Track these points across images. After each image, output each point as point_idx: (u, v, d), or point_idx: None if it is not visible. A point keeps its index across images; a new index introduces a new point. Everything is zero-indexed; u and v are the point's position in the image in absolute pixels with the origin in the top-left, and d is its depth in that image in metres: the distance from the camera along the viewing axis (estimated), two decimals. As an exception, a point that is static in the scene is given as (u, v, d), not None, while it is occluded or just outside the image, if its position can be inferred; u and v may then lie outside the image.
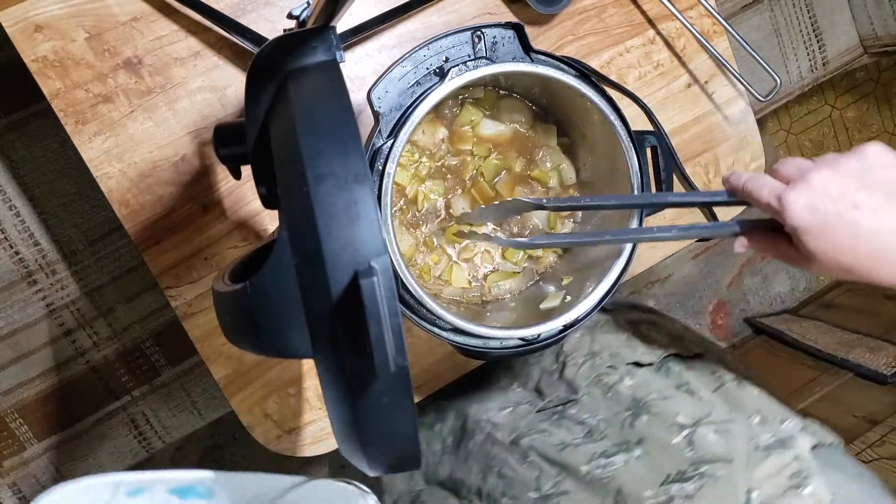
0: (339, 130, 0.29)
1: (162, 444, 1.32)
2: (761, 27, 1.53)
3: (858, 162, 0.41)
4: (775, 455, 0.47)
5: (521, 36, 0.54)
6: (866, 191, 0.40)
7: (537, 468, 0.58)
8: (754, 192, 0.44)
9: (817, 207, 0.40)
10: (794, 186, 0.41)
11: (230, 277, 0.35)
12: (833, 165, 0.41)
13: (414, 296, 0.53)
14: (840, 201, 0.39)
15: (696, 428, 0.51)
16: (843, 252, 0.40)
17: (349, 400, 0.28)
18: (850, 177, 0.40)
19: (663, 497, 0.47)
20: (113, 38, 0.60)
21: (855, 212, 0.39)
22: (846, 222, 0.39)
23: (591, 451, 0.55)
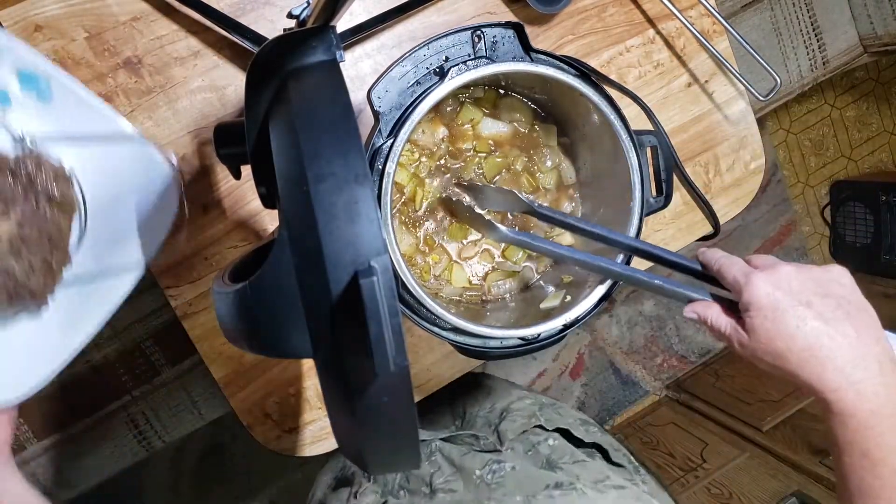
0: (339, 130, 0.29)
1: (162, 444, 1.32)
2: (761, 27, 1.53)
3: (825, 274, 0.45)
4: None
5: (521, 35, 0.54)
6: (822, 296, 0.44)
7: (437, 465, 0.62)
8: (725, 269, 0.48)
9: (776, 293, 0.44)
10: (763, 270, 0.46)
11: (230, 277, 0.35)
12: (801, 267, 0.46)
13: (414, 296, 0.53)
14: (797, 295, 0.44)
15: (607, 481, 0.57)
16: (781, 338, 0.44)
17: (349, 400, 0.28)
18: (812, 280, 0.45)
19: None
20: (113, 38, 0.60)
21: (805, 308, 0.43)
22: (795, 313, 0.43)
23: (487, 458, 0.60)
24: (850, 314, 0.43)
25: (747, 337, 0.46)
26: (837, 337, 0.42)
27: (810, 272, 0.45)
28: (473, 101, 0.62)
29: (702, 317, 0.49)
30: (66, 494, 1.27)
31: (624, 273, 0.51)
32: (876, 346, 0.43)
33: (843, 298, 0.44)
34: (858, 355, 0.42)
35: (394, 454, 0.31)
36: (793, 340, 0.43)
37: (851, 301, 0.44)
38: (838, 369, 0.42)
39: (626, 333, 1.80)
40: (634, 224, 0.57)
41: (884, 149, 2.01)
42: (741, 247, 1.87)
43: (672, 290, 0.50)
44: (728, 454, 1.50)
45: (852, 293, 0.45)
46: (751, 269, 0.46)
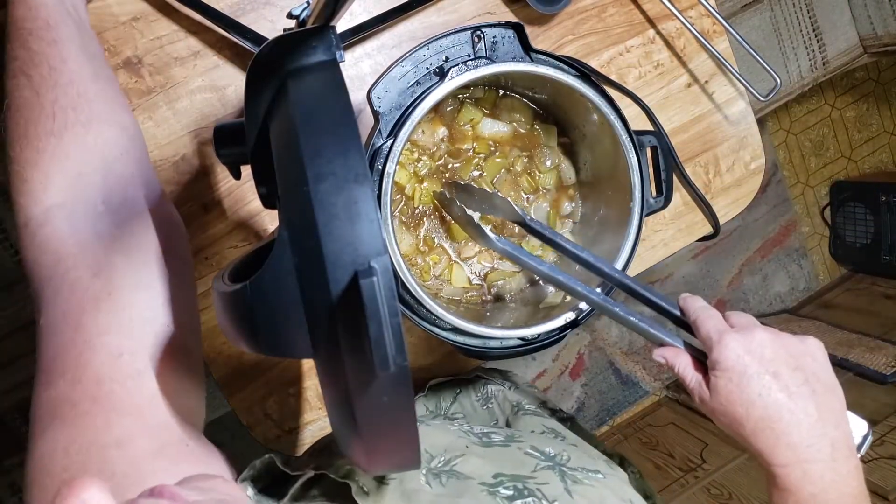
0: (338, 130, 0.29)
1: (162, 444, 1.32)
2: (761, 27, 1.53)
3: (800, 345, 0.45)
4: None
5: (521, 36, 0.54)
6: (792, 369, 0.43)
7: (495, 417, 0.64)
8: (700, 320, 0.47)
9: (745, 357, 0.43)
10: (738, 331, 0.45)
11: (230, 277, 0.35)
12: (777, 334, 0.45)
13: (414, 296, 0.53)
14: (766, 363, 0.43)
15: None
16: (741, 403, 0.43)
17: (349, 400, 0.28)
18: (785, 350, 0.44)
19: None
20: (113, 38, 0.60)
21: (772, 378, 0.43)
22: (761, 381, 0.43)
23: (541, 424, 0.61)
24: (816, 392, 0.43)
25: (709, 394, 0.45)
26: (798, 413, 0.42)
27: (784, 341, 0.45)
28: (473, 101, 0.62)
29: (670, 363, 0.48)
30: (66, 494, 1.27)
31: (602, 304, 0.50)
32: (834, 430, 0.42)
33: (814, 374, 0.44)
34: (815, 435, 0.42)
35: (394, 454, 0.31)
36: (752, 408, 0.43)
37: (821, 378, 0.44)
38: (791, 446, 0.42)
39: (626, 333, 1.80)
40: (634, 224, 0.57)
41: (884, 149, 2.01)
42: (741, 247, 1.87)
43: (646, 329, 0.49)
44: (728, 455, 1.50)
45: (823, 370, 0.44)
46: (726, 328, 0.46)
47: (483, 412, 0.67)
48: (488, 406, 0.68)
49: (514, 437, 0.53)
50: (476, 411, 0.67)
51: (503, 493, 0.42)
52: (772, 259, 1.92)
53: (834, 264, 2.00)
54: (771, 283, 1.93)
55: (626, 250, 0.57)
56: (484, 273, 0.64)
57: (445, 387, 0.70)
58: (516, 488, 0.43)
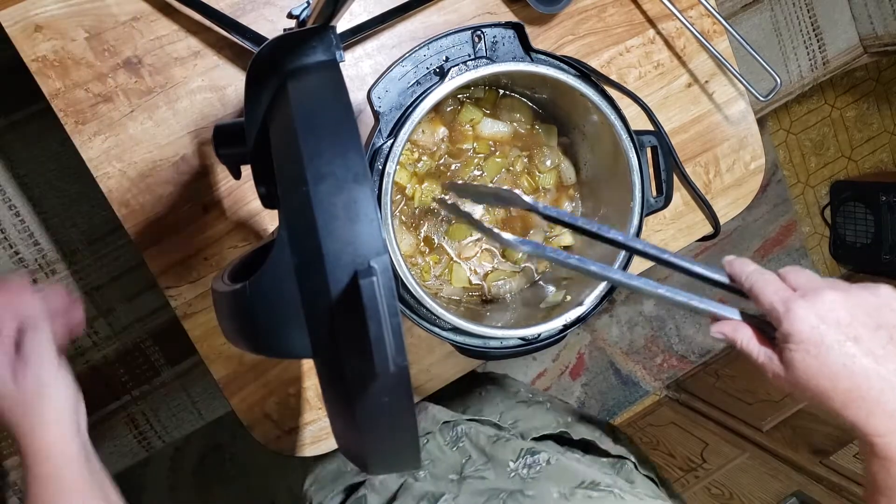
0: (338, 130, 0.29)
1: (162, 444, 1.32)
2: (761, 27, 1.53)
3: (872, 297, 0.40)
4: None
5: (521, 35, 0.54)
6: (872, 329, 0.39)
7: (466, 454, 0.59)
8: (758, 288, 0.43)
9: (821, 326, 0.39)
10: (805, 297, 0.41)
11: (230, 277, 0.35)
12: (847, 292, 0.41)
13: (414, 295, 0.53)
14: (845, 329, 0.39)
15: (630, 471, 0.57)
16: (825, 376, 0.39)
17: (349, 400, 0.28)
18: (860, 309, 0.40)
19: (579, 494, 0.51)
20: (113, 38, 0.60)
21: (854, 344, 0.39)
22: (842, 350, 0.39)
23: (519, 448, 0.56)
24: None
25: (783, 369, 0.41)
26: (890, 377, 0.38)
27: (858, 298, 0.40)
28: (474, 101, 0.62)
29: (730, 339, 0.44)
30: (66, 494, 1.27)
31: (643, 287, 0.45)
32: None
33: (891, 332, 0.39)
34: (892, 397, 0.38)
35: (394, 454, 0.31)
36: (838, 380, 0.39)
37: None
38: (888, 414, 0.39)
39: (626, 333, 1.80)
40: (634, 224, 0.57)
41: (884, 149, 2.01)
42: (741, 247, 1.87)
43: (696, 305, 0.45)
44: (728, 454, 1.50)
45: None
46: (790, 294, 0.41)
47: (453, 454, 0.64)
48: (458, 446, 0.64)
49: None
50: (444, 454, 0.65)
51: None
52: (772, 259, 1.92)
53: (834, 264, 2.00)
54: (771, 283, 1.93)
55: (626, 250, 0.57)
56: (484, 273, 0.64)
57: None
58: None
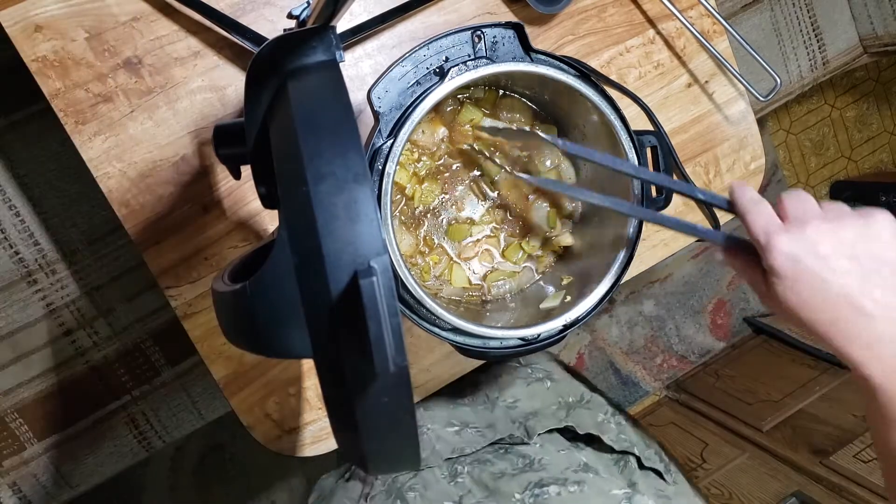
0: (338, 130, 0.29)
1: (162, 444, 1.32)
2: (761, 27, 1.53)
3: (862, 229, 0.40)
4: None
5: (521, 36, 0.54)
6: (852, 259, 0.39)
7: (465, 489, 0.57)
8: (749, 219, 0.44)
9: (799, 260, 0.40)
10: (787, 230, 0.41)
11: (230, 277, 0.35)
12: (836, 222, 0.41)
13: (414, 296, 0.53)
14: (823, 261, 0.39)
15: (636, 494, 0.52)
16: (806, 308, 0.40)
17: (349, 400, 0.28)
18: (844, 241, 0.40)
19: None
20: (113, 38, 0.60)
21: (831, 276, 0.39)
22: (818, 283, 0.39)
23: (527, 481, 0.54)
24: (885, 281, 0.39)
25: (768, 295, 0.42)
26: (867, 309, 0.38)
27: (843, 230, 0.40)
28: (473, 101, 0.62)
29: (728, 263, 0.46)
30: (67, 494, 1.27)
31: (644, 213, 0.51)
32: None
33: (878, 260, 0.39)
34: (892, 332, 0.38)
35: (394, 454, 0.31)
36: (819, 312, 0.40)
37: (888, 261, 0.39)
38: (865, 344, 0.39)
39: (626, 333, 1.80)
40: (634, 224, 0.57)
41: (884, 149, 2.01)
42: (741, 247, 1.88)
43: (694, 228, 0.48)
44: (728, 454, 1.50)
45: (889, 250, 0.39)
46: (776, 227, 0.41)
47: (449, 486, 0.62)
48: (456, 481, 0.62)
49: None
50: (440, 483, 0.62)
51: None
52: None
53: (834, 264, 2.00)
54: (771, 283, 1.93)
55: (626, 250, 0.57)
56: (484, 273, 0.64)
57: None
58: None
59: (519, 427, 0.66)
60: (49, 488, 1.27)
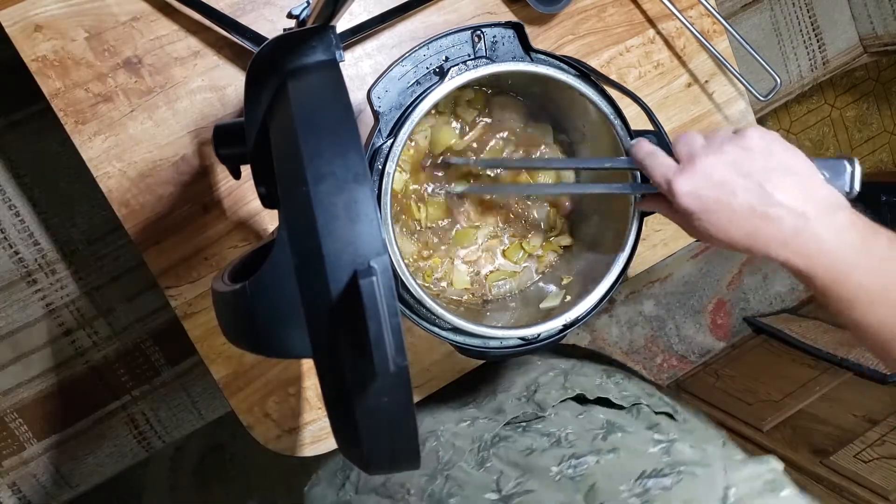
0: (338, 130, 0.29)
1: (162, 444, 1.32)
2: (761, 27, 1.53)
3: (740, 149, 0.44)
4: (752, 465, 0.48)
5: (521, 35, 0.54)
6: (744, 177, 0.44)
7: (496, 471, 0.57)
8: (649, 171, 0.48)
9: (700, 194, 0.44)
10: (681, 171, 0.46)
11: (230, 277, 0.35)
12: (718, 150, 0.45)
13: (414, 295, 0.53)
14: (720, 188, 0.44)
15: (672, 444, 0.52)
16: (721, 231, 0.45)
17: (349, 400, 0.28)
18: (730, 164, 0.44)
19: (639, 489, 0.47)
20: (113, 38, 0.60)
21: (732, 198, 0.43)
22: (723, 207, 0.44)
23: (560, 455, 0.54)
24: (776, 185, 0.43)
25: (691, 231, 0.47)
26: (771, 214, 0.43)
27: (727, 154, 0.44)
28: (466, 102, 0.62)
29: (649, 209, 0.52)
30: (66, 494, 1.27)
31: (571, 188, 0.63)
32: (809, 203, 0.43)
33: (765, 169, 0.44)
34: (798, 225, 0.42)
35: (394, 454, 0.31)
36: (730, 232, 0.44)
37: (773, 167, 0.44)
38: (782, 245, 0.43)
39: (626, 333, 1.80)
40: (634, 224, 0.57)
41: (884, 149, 2.01)
42: (741, 247, 1.88)
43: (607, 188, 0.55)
44: (728, 454, 1.49)
45: (770, 157, 0.44)
46: (672, 171, 0.46)
47: (480, 474, 0.60)
48: (485, 466, 0.60)
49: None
50: (471, 476, 0.60)
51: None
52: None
53: (834, 264, 2.00)
54: (771, 283, 1.93)
55: (626, 250, 0.57)
56: (484, 274, 0.64)
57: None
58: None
59: (528, 402, 0.64)
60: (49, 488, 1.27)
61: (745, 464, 0.48)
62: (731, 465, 0.48)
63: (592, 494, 0.48)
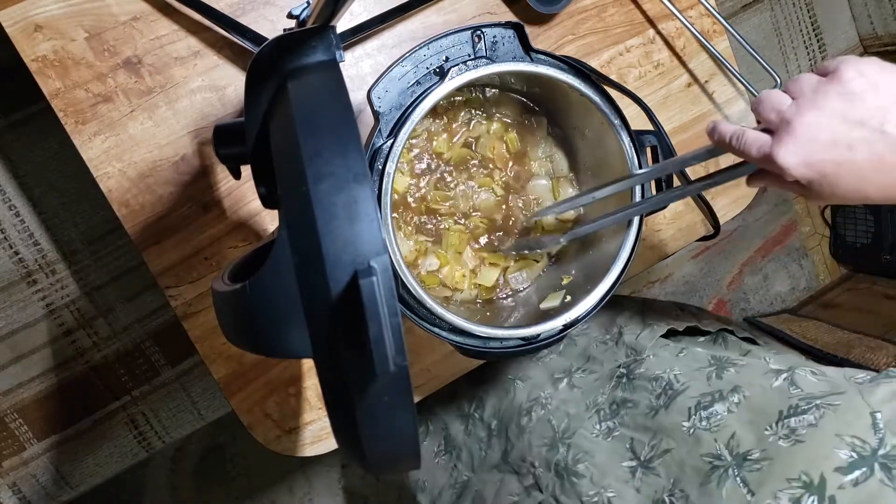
0: (338, 130, 0.29)
1: (162, 444, 1.32)
2: (761, 27, 1.53)
3: (839, 95, 0.38)
4: (883, 384, 0.44)
5: (521, 35, 0.54)
6: (858, 127, 0.37)
7: (626, 439, 0.55)
8: (745, 149, 0.42)
9: (812, 161, 0.38)
10: (780, 140, 0.39)
11: (230, 277, 0.35)
12: (814, 105, 0.39)
13: (414, 296, 0.53)
14: (834, 148, 0.38)
15: (793, 372, 0.49)
16: (854, 192, 0.39)
17: (349, 400, 0.28)
18: (836, 116, 0.38)
19: (784, 431, 0.45)
20: (113, 38, 0.60)
21: (853, 155, 0.37)
22: (846, 169, 0.38)
23: (686, 406, 0.52)
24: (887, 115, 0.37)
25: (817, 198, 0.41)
26: (893, 153, 0.36)
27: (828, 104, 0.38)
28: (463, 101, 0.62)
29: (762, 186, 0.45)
30: (66, 494, 1.27)
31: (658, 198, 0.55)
32: None
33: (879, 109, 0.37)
34: None
35: (394, 454, 0.31)
36: (869, 193, 0.38)
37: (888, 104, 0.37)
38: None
39: (627, 333, 1.80)
40: (634, 223, 0.57)
41: (884, 149, 2.01)
42: (741, 247, 1.87)
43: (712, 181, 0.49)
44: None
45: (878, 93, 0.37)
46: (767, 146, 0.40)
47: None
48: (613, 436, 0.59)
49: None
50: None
51: None
52: (772, 259, 1.92)
53: (834, 264, 2.00)
54: (771, 283, 1.93)
55: (626, 250, 0.57)
56: (485, 275, 0.64)
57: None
58: None
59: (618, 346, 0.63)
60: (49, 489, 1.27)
61: (876, 384, 0.45)
62: (863, 388, 0.45)
63: (735, 443, 0.47)
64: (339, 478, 1.44)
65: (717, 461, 0.47)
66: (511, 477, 0.62)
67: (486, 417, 0.70)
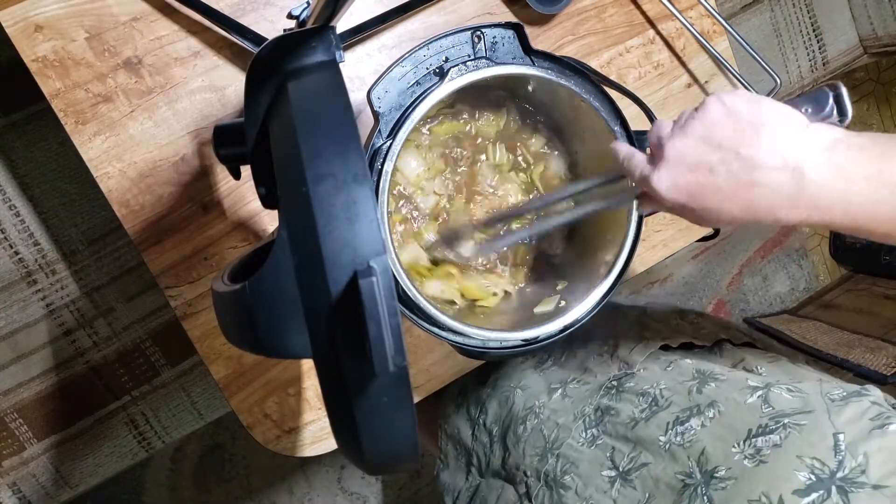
0: (338, 130, 0.29)
1: (162, 444, 1.32)
2: (761, 27, 1.53)
3: (702, 122, 0.42)
4: (853, 403, 0.45)
5: (521, 36, 0.54)
6: (716, 150, 0.40)
7: (608, 448, 0.56)
8: (629, 174, 0.46)
9: (679, 183, 0.42)
10: (655, 166, 0.43)
11: (229, 277, 0.35)
12: (682, 132, 0.42)
13: (412, 299, 0.53)
14: (696, 170, 0.41)
15: (769, 389, 0.50)
16: (720, 213, 0.41)
17: (349, 400, 0.28)
18: (699, 140, 0.41)
19: (750, 450, 0.46)
20: (113, 38, 0.60)
21: (713, 176, 0.40)
22: (709, 189, 0.41)
23: (665, 421, 0.53)
24: (752, 146, 0.39)
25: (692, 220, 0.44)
26: (759, 179, 0.39)
27: (691, 133, 0.42)
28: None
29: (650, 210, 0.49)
30: (66, 494, 1.27)
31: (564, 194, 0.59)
32: (797, 152, 0.38)
33: (735, 133, 0.40)
34: (794, 180, 0.38)
35: (393, 455, 0.31)
36: (732, 212, 0.41)
37: (742, 128, 0.40)
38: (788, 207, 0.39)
39: (626, 334, 1.80)
40: (634, 224, 0.57)
41: (884, 149, 2.00)
42: (741, 247, 1.88)
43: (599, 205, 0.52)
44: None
45: (737, 120, 0.40)
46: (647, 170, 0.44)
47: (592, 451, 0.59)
48: (597, 444, 0.59)
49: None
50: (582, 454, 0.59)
51: None
52: (772, 259, 1.92)
53: (834, 265, 2.00)
54: (771, 284, 1.93)
55: (626, 250, 0.57)
56: (485, 276, 0.64)
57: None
58: None
59: (612, 359, 0.64)
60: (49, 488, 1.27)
61: (846, 402, 0.45)
62: (832, 407, 0.45)
63: (704, 459, 0.47)
64: (339, 478, 1.44)
65: (689, 479, 0.47)
66: (509, 485, 0.62)
67: (488, 423, 0.70)
